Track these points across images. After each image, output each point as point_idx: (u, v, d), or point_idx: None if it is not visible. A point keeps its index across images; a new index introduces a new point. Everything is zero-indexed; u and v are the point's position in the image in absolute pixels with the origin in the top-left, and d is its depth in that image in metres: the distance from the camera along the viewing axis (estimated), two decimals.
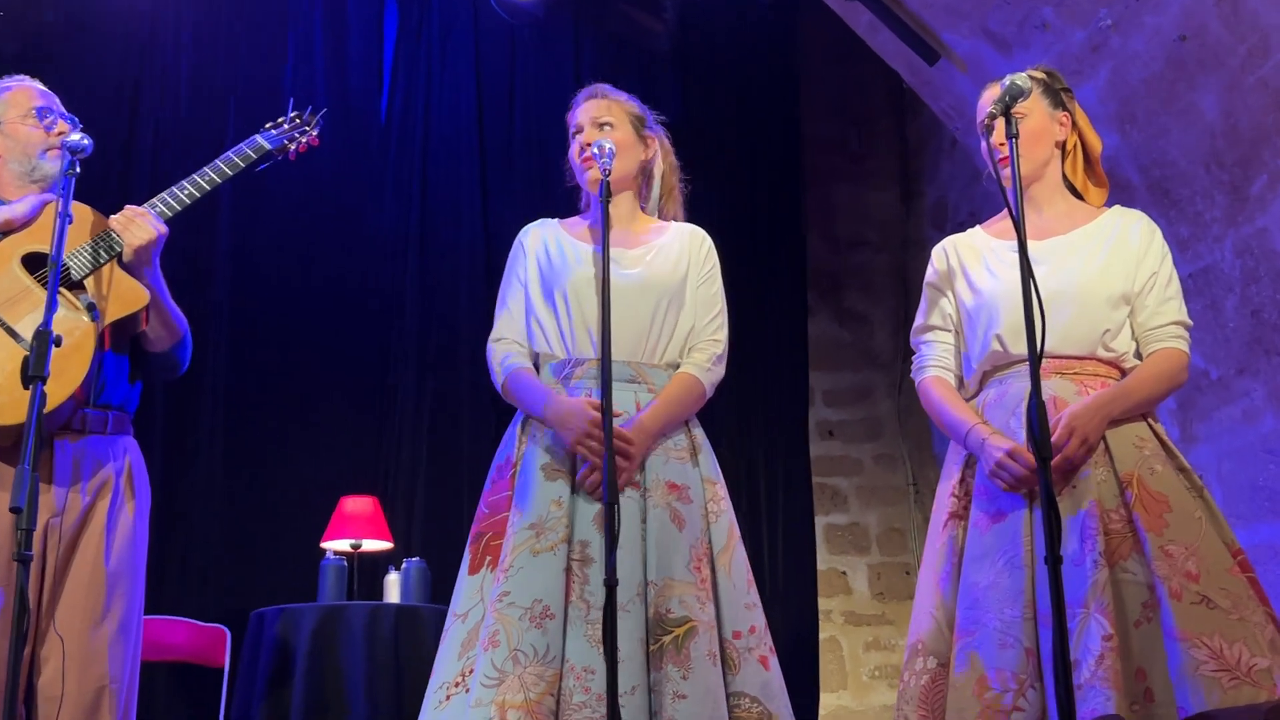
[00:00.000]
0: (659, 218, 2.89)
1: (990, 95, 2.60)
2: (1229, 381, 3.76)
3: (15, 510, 2.12)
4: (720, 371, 2.74)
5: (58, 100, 2.88)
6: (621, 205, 2.79)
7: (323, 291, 5.21)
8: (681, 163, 5.88)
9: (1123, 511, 2.38)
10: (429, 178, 5.44)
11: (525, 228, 2.88)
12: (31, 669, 2.51)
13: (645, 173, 2.87)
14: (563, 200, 5.52)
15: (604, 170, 2.57)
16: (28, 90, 2.84)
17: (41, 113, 2.80)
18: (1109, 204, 2.70)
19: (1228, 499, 3.69)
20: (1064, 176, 2.68)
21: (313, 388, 5.10)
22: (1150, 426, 2.50)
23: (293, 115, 3.06)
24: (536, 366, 2.73)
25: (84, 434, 2.63)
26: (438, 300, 5.27)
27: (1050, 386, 2.47)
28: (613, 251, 2.68)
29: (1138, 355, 2.56)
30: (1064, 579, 2.25)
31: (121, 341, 2.73)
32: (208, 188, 2.83)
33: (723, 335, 2.77)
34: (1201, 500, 2.42)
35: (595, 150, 2.60)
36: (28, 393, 2.44)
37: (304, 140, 3.04)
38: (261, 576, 4.77)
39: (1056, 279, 2.52)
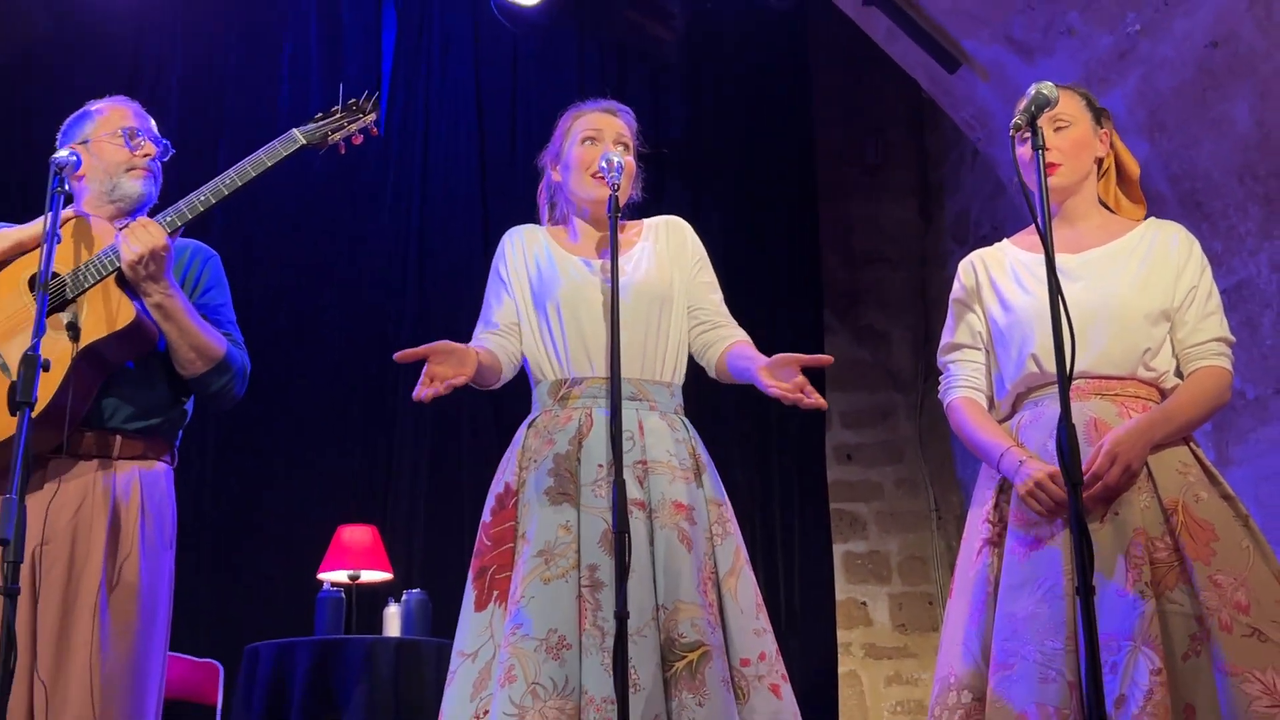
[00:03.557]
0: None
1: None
2: (1267, 401, 3.74)
3: (2, 542, 2.11)
4: None
5: (153, 123, 2.87)
6: (608, 222, 2.78)
7: (318, 313, 5.23)
8: (691, 175, 5.90)
9: (1168, 540, 2.36)
10: (429, 194, 5.47)
11: (513, 231, 2.84)
12: (32, 707, 2.47)
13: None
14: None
15: (613, 185, 2.55)
16: (121, 110, 2.84)
17: (128, 133, 2.79)
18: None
19: (1266, 525, 3.63)
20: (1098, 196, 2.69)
21: (309, 412, 5.11)
22: (1192, 451, 2.49)
23: (349, 102, 2.92)
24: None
25: (80, 458, 2.60)
26: (437, 321, 5.27)
27: (1090, 408, 2.46)
28: (601, 264, 2.68)
29: (1177, 374, 2.55)
30: (1109, 610, 2.25)
31: (144, 362, 2.67)
32: (229, 190, 2.73)
33: (724, 305, 2.82)
34: (1248, 529, 2.40)
35: (605, 165, 2.59)
36: (6, 417, 2.44)
37: (356, 128, 2.90)
38: (256, 609, 4.78)
39: (1094, 295, 2.51)
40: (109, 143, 2.77)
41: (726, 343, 2.74)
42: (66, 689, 2.47)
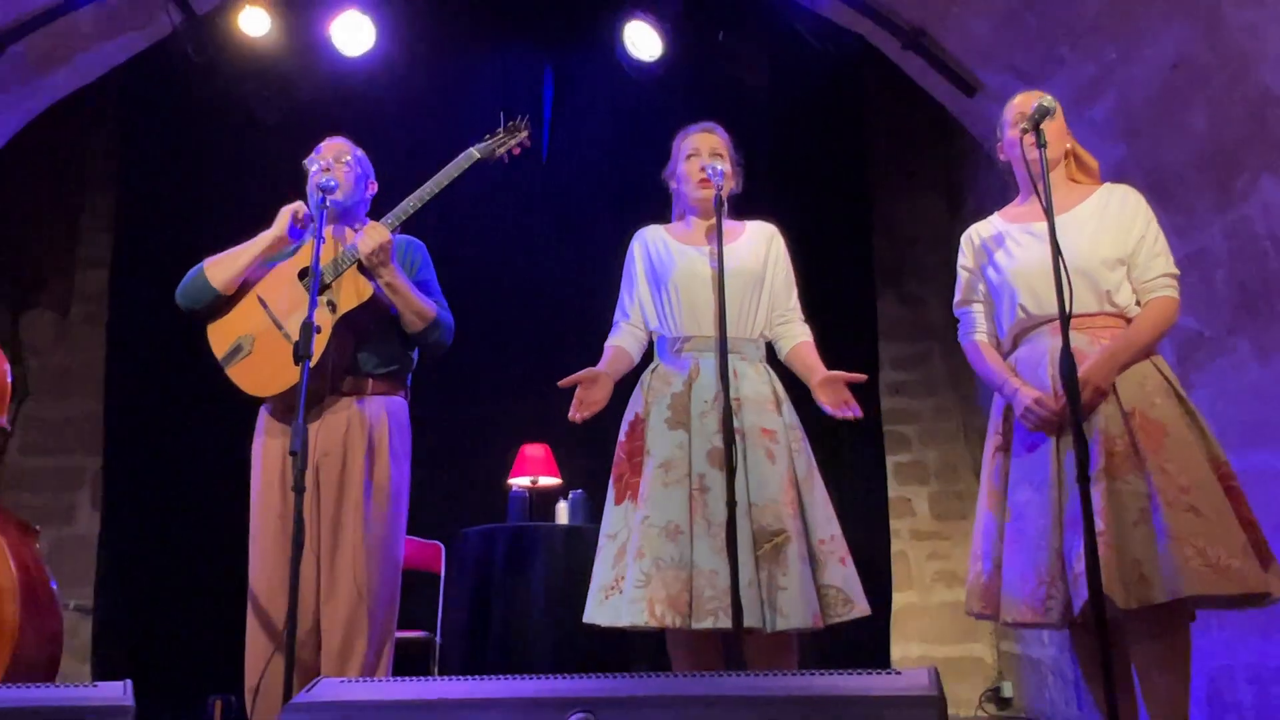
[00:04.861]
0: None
1: (1017, 101, 2.56)
2: (1220, 339, 3.62)
3: (293, 453, 2.25)
4: None
5: (337, 149, 2.90)
6: (714, 216, 2.77)
7: (506, 291, 5.32)
8: (773, 181, 5.82)
9: (1126, 438, 2.32)
10: (580, 205, 5.51)
11: (638, 232, 2.87)
12: (318, 576, 2.61)
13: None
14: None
15: (718, 186, 2.58)
16: (326, 144, 2.94)
17: (322, 161, 2.86)
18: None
19: (1221, 432, 3.53)
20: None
21: (502, 363, 5.21)
22: (1154, 365, 2.42)
23: (508, 124, 2.97)
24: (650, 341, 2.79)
25: (345, 395, 2.72)
26: (584, 295, 5.31)
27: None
28: (709, 249, 2.69)
29: (1139, 304, 2.48)
30: (1073, 494, 2.22)
31: (382, 324, 2.76)
32: (429, 196, 2.80)
33: (797, 304, 2.81)
34: (1196, 426, 2.34)
35: (710, 171, 2.61)
36: (292, 369, 2.58)
37: (514, 143, 2.94)
38: (466, 504, 4.88)
39: (1065, 251, 2.45)
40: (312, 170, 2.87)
41: (796, 341, 2.74)
42: (338, 562, 2.59)
